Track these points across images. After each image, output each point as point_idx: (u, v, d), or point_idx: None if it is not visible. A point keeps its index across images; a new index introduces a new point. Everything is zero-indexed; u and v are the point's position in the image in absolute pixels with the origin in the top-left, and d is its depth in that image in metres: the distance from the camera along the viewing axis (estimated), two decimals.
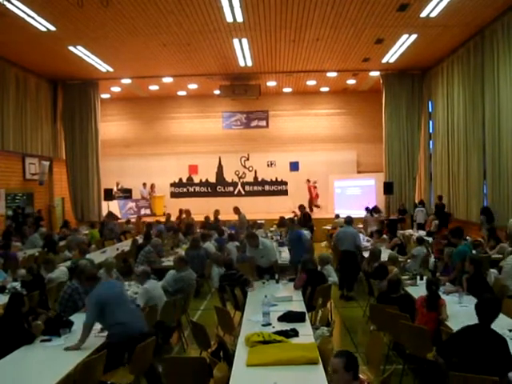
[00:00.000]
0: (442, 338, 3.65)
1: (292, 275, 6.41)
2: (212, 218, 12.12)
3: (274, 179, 17.81)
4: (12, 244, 8.33)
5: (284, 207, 16.28)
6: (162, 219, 13.20)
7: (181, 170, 17.97)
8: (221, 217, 12.46)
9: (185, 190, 17.96)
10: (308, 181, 16.65)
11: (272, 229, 11.77)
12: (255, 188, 17.68)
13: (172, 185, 17.95)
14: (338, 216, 12.77)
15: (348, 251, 7.51)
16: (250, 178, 18.09)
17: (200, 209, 16.17)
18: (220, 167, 18.09)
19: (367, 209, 13.03)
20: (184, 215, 12.72)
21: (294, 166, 17.73)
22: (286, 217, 12.70)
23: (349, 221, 8.05)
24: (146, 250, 7.80)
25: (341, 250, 7.61)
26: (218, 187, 17.95)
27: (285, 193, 17.70)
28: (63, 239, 10.18)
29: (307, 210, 12.67)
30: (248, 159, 18.10)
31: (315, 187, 16.45)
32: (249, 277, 5.99)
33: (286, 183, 17.80)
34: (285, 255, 8.07)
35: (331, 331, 4.09)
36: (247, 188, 17.96)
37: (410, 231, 11.74)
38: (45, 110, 14.30)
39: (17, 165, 13.19)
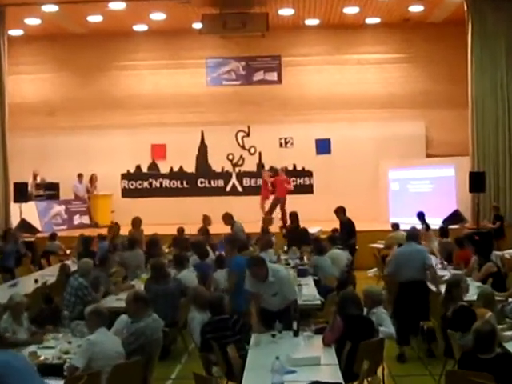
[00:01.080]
0: None
1: (321, 323, 6.57)
2: (189, 231, 12.48)
3: (290, 167, 17.90)
4: None
5: (307, 212, 16.48)
6: (109, 233, 13.40)
7: (139, 153, 18.32)
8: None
9: (145, 184, 18.37)
10: (264, 169, 17.45)
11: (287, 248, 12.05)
12: (259, 182, 17.70)
13: (125, 177, 18.35)
14: (396, 227, 13.03)
15: (413, 282, 7.67)
16: (250, 165, 18.38)
17: (170, 215, 16.44)
18: (203, 148, 18.47)
19: (420, 216, 13.24)
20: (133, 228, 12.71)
21: (323, 147, 17.98)
22: (316, 232, 13.17)
23: (413, 235, 8.22)
24: (77, 283, 7.96)
25: (400, 282, 7.80)
26: (199, 180, 18.37)
27: (308, 189, 18.05)
28: None
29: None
30: (248, 135, 18.45)
31: (276, 178, 16.49)
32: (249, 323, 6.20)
33: (309, 174, 18.15)
34: (308, 290, 8.19)
35: None
36: (246, 182, 18.34)
37: None
38: None
39: None
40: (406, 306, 7.61)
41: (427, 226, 12.94)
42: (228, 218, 12.24)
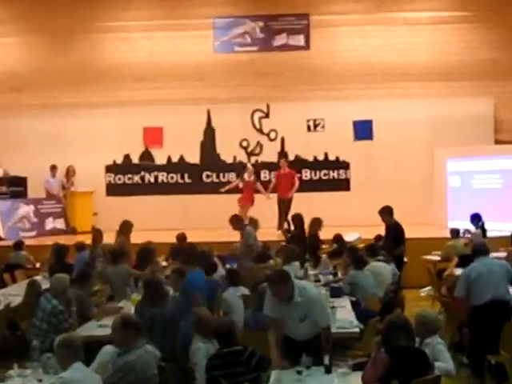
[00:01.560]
0: None
1: (360, 356, 6.52)
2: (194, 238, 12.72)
3: (320, 157, 18.34)
4: None
5: (342, 214, 16.72)
6: (90, 240, 13.31)
7: (128, 139, 18.54)
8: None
9: (136, 179, 18.61)
10: (247, 166, 17.46)
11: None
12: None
13: (110, 169, 18.58)
14: (456, 234, 13.07)
15: (495, 304, 7.76)
16: (270, 154, 18.56)
17: (168, 218, 16.94)
18: (210, 133, 18.62)
19: (475, 219, 13.32)
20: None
21: (363, 131, 18.24)
22: (354, 240, 13.29)
23: (484, 249, 8.39)
24: (50, 306, 7.89)
25: (476, 306, 7.90)
26: (204, 174, 18.60)
27: (343, 185, 18.40)
28: None
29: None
30: (267, 116, 18.62)
31: (278, 173, 16.89)
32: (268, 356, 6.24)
33: (345, 165, 18.39)
34: (343, 315, 8.11)
35: None
36: (265, 175, 18.44)
37: None
38: None
39: None
40: (484, 333, 7.69)
41: (483, 232, 13.05)
42: (236, 222, 12.42)
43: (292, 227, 13.76)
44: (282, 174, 16.71)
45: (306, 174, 18.49)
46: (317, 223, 12.56)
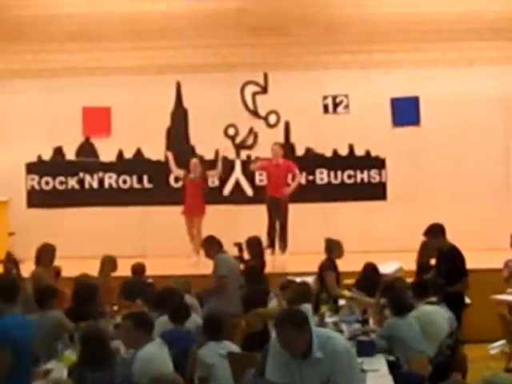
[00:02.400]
0: None
1: None
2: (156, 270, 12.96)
3: (343, 151, 18.60)
4: None
5: (375, 235, 17.38)
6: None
7: (60, 125, 18.64)
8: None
9: (72, 183, 18.73)
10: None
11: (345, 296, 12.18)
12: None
13: (33, 169, 18.73)
14: None
15: None
16: (269, 147, 18.04)
17: (117, 241, 17.09)
18: (179, 115, 18.89)
19: None
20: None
21: (406, 112, 18.41)
22: (392, 272, 13.49)
23: None
24: None
25: None
26: (172, 175, 18.60)
27: (377, 192, 18.65)
28: None
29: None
30: (265, 91, 18.88)
31: (267, 163, 17.24)
32: None
33: (379, 163, 18.62)
34: (378, 381, 8.11)
35: None
36: (261, 178, 18.50)
37: None
38: None
39: None
40: None
41: None
42: (211, 246, 12.68)
43: (246, 255, 13.87)
44: (273, 164, 16.91)
45: (322, 176, 18.66)
46: (335, 248, 12.71)
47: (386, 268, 13.41)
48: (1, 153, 18.27)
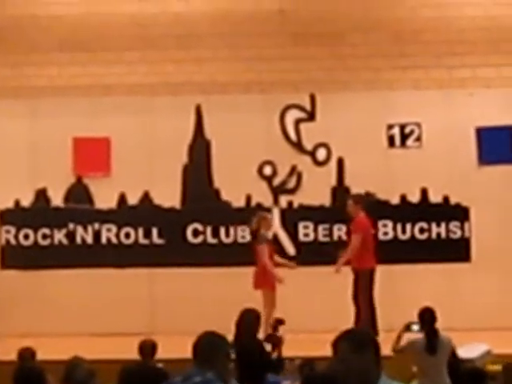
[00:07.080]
0: None
1: None
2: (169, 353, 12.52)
3: (414, 198, 17.41)
4: None
5: (458, 307, 16.00)
6: None
7: (45, 160, 17.51)
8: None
9: (59, 236, 17.49)
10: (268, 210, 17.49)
11: None
12: (339, 232, 17.34)
13: (9, 218, 17.71)
14: None
15: None
16: (317, 190, 17.42)
17: (119, 313, 16.09)
18: (200, 149, 17.57)
19: None
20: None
21: (497, 145, 16.92)
22: (478, 356, 12.73)
23: None
24: None
25: None
26: (190, 228, 17.56)
27: (458, 251, 17.14)
28: None
29: None
30: (312, 117, 17.51)
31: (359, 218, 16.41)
32: None
33: (463, 214, 17.22)
34: None
35: None
36: (306, 232, 16.88)
37: None
38: None
39: None
40: None
41: None
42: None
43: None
44: (364, 222, 15.77)
45: (386, 230, 17.19)
46: None
47: (470, 351, 12.16)
48: None
